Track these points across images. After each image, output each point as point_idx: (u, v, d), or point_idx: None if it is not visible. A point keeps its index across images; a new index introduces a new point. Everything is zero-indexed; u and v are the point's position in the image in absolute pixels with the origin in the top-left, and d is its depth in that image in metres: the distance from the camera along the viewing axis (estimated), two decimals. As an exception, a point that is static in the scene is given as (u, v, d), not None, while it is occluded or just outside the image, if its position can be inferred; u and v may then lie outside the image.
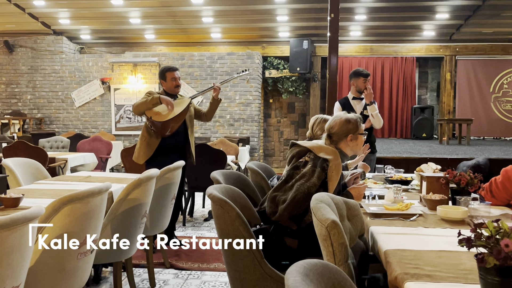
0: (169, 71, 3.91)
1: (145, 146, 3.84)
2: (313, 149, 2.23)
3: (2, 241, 1.41)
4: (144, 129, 3.90)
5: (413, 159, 5.37)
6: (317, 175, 2.12)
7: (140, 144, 3.88)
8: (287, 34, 10.10)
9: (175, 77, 3.91)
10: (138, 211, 2.64)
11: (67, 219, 1.90)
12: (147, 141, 3.84)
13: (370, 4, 8.55)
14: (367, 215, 2.07)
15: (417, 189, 2.87)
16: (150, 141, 3.83)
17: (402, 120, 10.75)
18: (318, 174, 2.13)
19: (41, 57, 9.97)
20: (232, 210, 1.88)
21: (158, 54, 9.88)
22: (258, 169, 3.18)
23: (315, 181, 2.11)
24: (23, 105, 10.05)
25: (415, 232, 1.76)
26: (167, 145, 3.86)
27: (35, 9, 9.05)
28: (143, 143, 3.86)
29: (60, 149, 6.68)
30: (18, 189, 2.85)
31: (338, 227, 1.39)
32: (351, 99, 4.37)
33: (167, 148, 3.87)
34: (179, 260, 3.74)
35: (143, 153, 3.85)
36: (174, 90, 3.94)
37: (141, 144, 3.87)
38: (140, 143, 3.89)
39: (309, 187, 2.11)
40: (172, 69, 3.93)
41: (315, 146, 2.24)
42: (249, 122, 9.56)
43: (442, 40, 10.37)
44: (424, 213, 2.11)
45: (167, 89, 3.94)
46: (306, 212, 2.15)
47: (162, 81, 3.95)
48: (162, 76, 3.95)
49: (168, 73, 3.91)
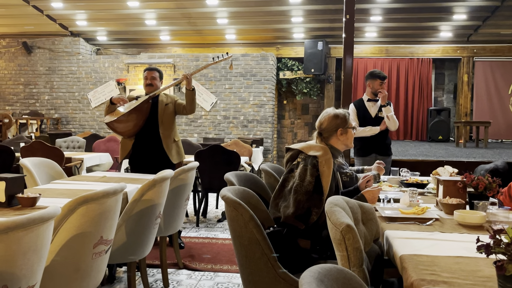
0: (145, 70, 3.99)
1: (120, 147, 3.95)
2: (303, 149, 2.30)
3: (19, 241, 1.43)
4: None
5: (429, 162, 5.29)
6: (310, 173, 2.19)
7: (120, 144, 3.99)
8: (301, 35, 10.08)
9: (145, 75, 3.94)
10: (152, 211, 2.65)
11: (83, 219, 1.92)
12: (121, 142, 3.95)
13: (386, 5, 8.47)
14: (382, 219, 2.04)
15: (433, 192, 2.82)
16: (123, 142, 3.92)
17: (418, 122, 10.62)
18: (310, 171, 2.19)
19: (58, 58, 10.13)
20: (246, 212, 1.88)
21: (173, 55, 9.95)
22: (272, 170, 3.17)
23: (309, 179, 2.17)
24: (40, 105, 10.22)
25: (431, 237, 1.73)
26: (139, 145, 3.87)
27: (53, 11, 9.20)
28: (120, 144, 3.97)
29: (76, 149, 6.76)
30: (35, 189, 2.89)
31: (353, 231, 1.37)
32: (366, 101, 4.33)
33: (141, 147, 3.88)
34: (193, 261, 3.75)
35: (120, 153, 3.96)
36: (145, 89, 3.95)
37: (120, 145, 3.99)
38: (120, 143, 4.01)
39: (305, 186, 2.17)
40: (147, 69, 3.98)
41: (305, 146, 2.31)
42: (263, 123, 9.56)
43: (460, 41, 10.22)
44: (441, 217, 2.08)
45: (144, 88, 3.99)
46: (310, 212, 2.18)
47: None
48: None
49: (144, 72, 4.00)
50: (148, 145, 3.89)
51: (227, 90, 9.59)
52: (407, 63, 10.57)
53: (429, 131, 10.13)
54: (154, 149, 3.90)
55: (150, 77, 3.92)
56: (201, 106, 9.66)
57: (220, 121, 9.63)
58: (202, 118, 9.69)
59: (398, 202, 2.42)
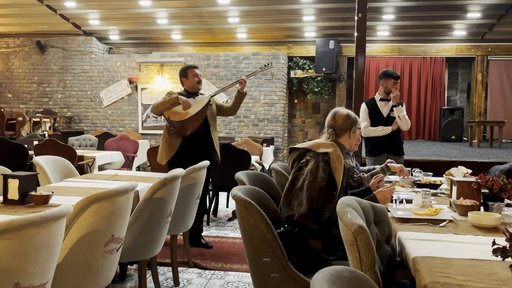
0: (190, 68, 3.93)
1: (166, 146, 3.84)
2: (311, 147, 2.32)
3: (31, 238, 1.44)
4: (165, 129, 3.91)
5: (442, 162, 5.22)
6: (322, 169, 2.19)
7: (162, 144, 3.89)
8: (313, 34, 10.03)
9: (196, 73, 3.91)
10: (163, 210, 2.66)
11: (94, 218, 1.93)
12: (168, 141, 3.84)
13: (398, 3, 8.39)
14: (394, 219, 2.02)
15: (446, 193, 2.78)
16: (171, 141, 3.83)
17: (430, 122, 10.51)
18: (323, 167, 2.20)
19: (71, 57, 10.23)
20: (257, 212, 1.87)
21: (185, 54, 9.98)
22: (282, 170, 3.16)
23: (322, 175, 2.18)
24: (54, 104, 10.33)
25: (445, 238, 1.70)
26: (189, 145, 3.85)
27: (66, 10, 9.29)
28: (164, 144, 3.86)
29: (88, 147, 6.83)
30: (48, 187, 2.92)
31: (365, 232, 1.35)
32: (378, 100, 4.29)
33: (189, 148, 3.85)
34: (203, 259, 3.75)
35: (164, 153, 3.85)
36: (197, 87, 3.92)
37: (163, 145, 3.88)
38: (162, 143, 3.90)
39: (319, 182, 2.17)
40: (192, 66, 3.96)
41: (313, 144, 2.33)
42: (274, 122, 9.54)
43: (474, 40, 10.08)
44: (455, 219, 2.04)
45: (189, 87, 3.93)
46: (323, 208, 2.18)
47: (184, 79, 3.95)
48: (183, 73, 3.95)
49: (189, 70, 3.92)
50: (198, 145, 3.90)
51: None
52: (419, 62, 10.45)
53: (441, 131, 10.02)
54: (202, 149, 3.93)
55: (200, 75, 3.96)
56: (212, 105, 9.66)
57: (231, 120, 9.64)
58: (213, 117, 9.69)
59: (411, 202, 2.39)
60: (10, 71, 10.49)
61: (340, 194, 2.26)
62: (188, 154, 3.83)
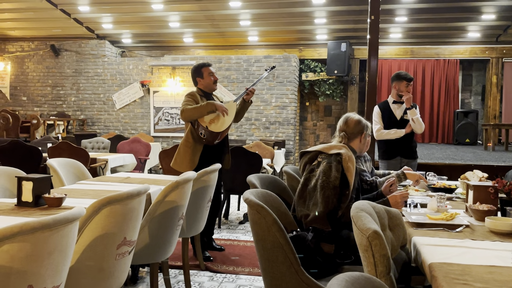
0: (205, 67, 3.70)
1: (190, 153, 3.60)
2: (323, 149, 2.36)
3: (45, 241, 1.44)
4: (189, 135, 3.64)
5: (457, 165, 5.14)
6: (335, 168, 2.23)
7: (185, 151, 3.63)
8: (324, 36, 9.99)
9: (211, 72, 3.71)
10: (175, 213, 2.65)
11: (107, 220, 1.93)
12: (192, 148, 3.61)
13: (411, 5, 8.31)
14: (409, 224, 1.98)
15: (462, 197, 2.73)
16: (195, 148, 3.61)
17: (444, 125, 10.37)
18: (336, 167, 2.23)
19: (85, 60, 10.34)
20: (269, 216, 1.85)
21: (196, 57, 10.02)
22: (294, 173, 3.13)
23: (335, 174, 2.21)
24: (67, 106, 10.45)
25: (462, 244, 1.67)
26: (210, 153, 3.67)
27: (80, 15, 9.40)
28: (188, 150, 3.61)
29: (101, 150, 6.88)
30: (61, 189, 2.94)
31: (380, 237, 1.33)
32: (391, 103, 4.24)
33: (209, 155, 3.67)
34: (214, 262, 3.74)
35: (189, 160, 3.61)
36: (213, 87, 3.72)
37: (186, 152, 3.62)
38: (185, 150, 3.63)
39: (332, 181, 2.20)
40: (207, 64, 3.72)
41: (325, 147, 2.37)
42: (285, 125, 9.51)
43: (488, 42, 9.93)
44: (471, 224, 2.00)
45: (205, 87, 3.71)
46: (338, 207, 2.20)
47: (199, 79, 3.72)
48: (198, 73, 3.71)
49: (204, 69, 3.69)
50: (216, 152, 3.73)
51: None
52: (433, 64, 10.34)
53: (455, 134, 9.88)
54: (219, 156, 3.77)
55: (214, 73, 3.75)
56: (224, 108, 9.67)
57: (242, 122, 9.64)
58: (225, 119, 9.70)
59: (425, 207, 2.35)
60: (25, 74, 10.64)
61: (352, 194, 2.26)
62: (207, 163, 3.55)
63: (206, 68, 3.71)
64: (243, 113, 3.94)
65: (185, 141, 3.66)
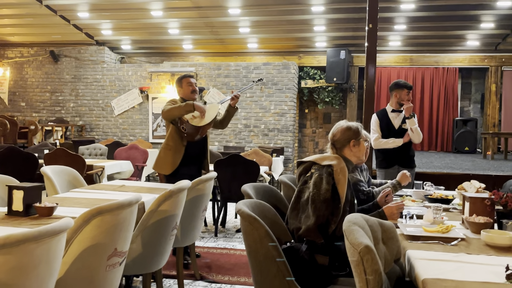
0: (185, 78, 3.96)
1: (171, 156, 3.78)
2: (316, 160, 2.31)
3: (30, 253, 1.41)
4: (169, 139, 3.84)
5: (455, 175, 5.11)
6: (326, 181, 2.18)
7: (165, 154, 3.82)
8: (324, 44, 10.01)
9: (190, 82, 3.93)
10: (168, 222, 2.62)
11: (97, 231, 1.90)
12: (173, 151, 3.80)
13: (410, 13, 8.33)
14: (404, 237, 1.95)
15: (458, 208, 2.70)
16: (176, 150, 3.80)
17: (443, 133, 10.36)
18: (326, 179, 2.18)
19: (84, 66, 10.34)
20: (261, 228, 1.83)
21: (196, 64, 10.02)
22: (290, 182, 3.11)
23: (325, 187, 2.17)
24: (66, 112, 10.43)
25: (457, 259, 1.63)
26: (189, 155, 3.83)
27: (79, 21, 9.42)
28: (169, 153, 3.80)
29: (98, 156, 6.85)
30: (54, 197, 2.91)
31: (371, 252, 1.30)
32: (390, 112, 4.22)
33: (188, 158, 3.83)
34: (210, 272, 3.70)
35: (170, 162, 3.78)
36: (191, 96, 3.92)
37: (166, 154, 3.81)
38: (165, 152, 3.82)
39: (323, 194, 2.16)
40: (188, 76, 3.99)
41: (318, 158, 2.33)
42: (284, 132, 9.50)
43: (487, 50, 9.95)
44: (467, 237, 1.97)
45: (184, 95, 3.93)
46: (329, 222, 2.15)
47: (179, 88, 3.97)
48: (179, 83, 3.97)
49: (184, 80, 3.94)
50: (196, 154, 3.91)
51: (248, 99, 9.58)
52: (432, 72, 10.35)
53: (454, 142, 9.87)
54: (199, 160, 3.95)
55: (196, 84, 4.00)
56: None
57: (241, 129, 9.62)
58: (223, 126, 9.69)
59: (421, 218, 2.32)
60: (24, 80, 10.64)
61: (345, 207, 2.22)
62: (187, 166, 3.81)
63: (186, 79, 3.96)
64: (229, 119, 4.10)
65: (166, 145, 3.87)
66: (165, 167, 3.81)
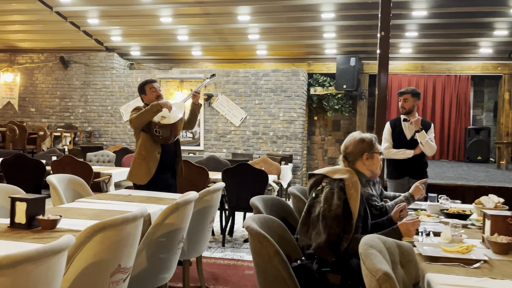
0: (147, 84, 3.79)
1: (145, 165, 3.61)
2: (327, 173, 2.21)
3: (27, 275, 1.34)
4: (141, 148, 3.67)
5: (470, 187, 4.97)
6: (337, 196, 2.09)
7: (139, 163, 3.65)
8: (333, 51, 9.92)
9: (154, 87, 3.77)
10: (175, 236, 2.54)
11: (100, 247, 1.83)
12: (147, 160, 3.62)
13: (422, 20, 8.22)
14: (421, 257, 1.85)
15: (477, 225, 2.58)
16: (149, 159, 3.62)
17: (455, 142, 10.19)
18: (338, 194, 2.09)
19: (93, 72, 10.37)
20: (271, 247, 1.74)
21: (204, 70, 9.99)
22: (300, 194, 3.01)
23: (337, 202, 2.07)
24: (75, 118, 10.45)
25: (480, 284, 1.53)
26: (162, 162, 3.67)
27: (89, 27, 9.45)
28: (142, 162, 3.62)
29: (106, 163, 6.81)
30: (58, 208, 2.85)
31: (391, 280, 1.21)
32: (403, 121, 4.11)
33: (163, 165, 3.68)
34: (217, 284, 3.61)
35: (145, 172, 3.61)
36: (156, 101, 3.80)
37: (140, 164, 3.64)
38: (139, 162, 3.65)
39: (334, 210, 2.07)
40: (150, 81, 3.82)
41: (330, 170, 2.23)
42: (293, 139, 9.40)
43: (500, 58, 9.78)
44: (490, 258, 1.86)
45: (149, 102, 3.75)
46: (340, 239, 2.05)
47: (143, 96, 3.81)
48: (141, 90, 3.81)
49: (147, 86, 3.78)
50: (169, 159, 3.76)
51: (257, 106, 9.52)
52: (443, 80, 10.20)
53: (467, 151, 9.69)
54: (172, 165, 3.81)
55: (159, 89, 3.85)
56: (231, 122, 9.61)
57: (250, 136, 9.55)
58: (231, 133, 9.63)
59: (438, 235, 2.21)
60: (34, 86, 10.69)
61: (358, 224, 2.12)
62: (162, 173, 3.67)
63: (149, 84, 3.80)
64: (195, 117, 3.94)
65: (138, 154, 3.70)
66: (141, 177, 3.65)
